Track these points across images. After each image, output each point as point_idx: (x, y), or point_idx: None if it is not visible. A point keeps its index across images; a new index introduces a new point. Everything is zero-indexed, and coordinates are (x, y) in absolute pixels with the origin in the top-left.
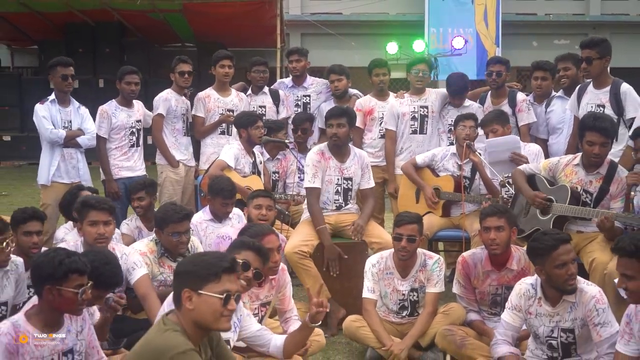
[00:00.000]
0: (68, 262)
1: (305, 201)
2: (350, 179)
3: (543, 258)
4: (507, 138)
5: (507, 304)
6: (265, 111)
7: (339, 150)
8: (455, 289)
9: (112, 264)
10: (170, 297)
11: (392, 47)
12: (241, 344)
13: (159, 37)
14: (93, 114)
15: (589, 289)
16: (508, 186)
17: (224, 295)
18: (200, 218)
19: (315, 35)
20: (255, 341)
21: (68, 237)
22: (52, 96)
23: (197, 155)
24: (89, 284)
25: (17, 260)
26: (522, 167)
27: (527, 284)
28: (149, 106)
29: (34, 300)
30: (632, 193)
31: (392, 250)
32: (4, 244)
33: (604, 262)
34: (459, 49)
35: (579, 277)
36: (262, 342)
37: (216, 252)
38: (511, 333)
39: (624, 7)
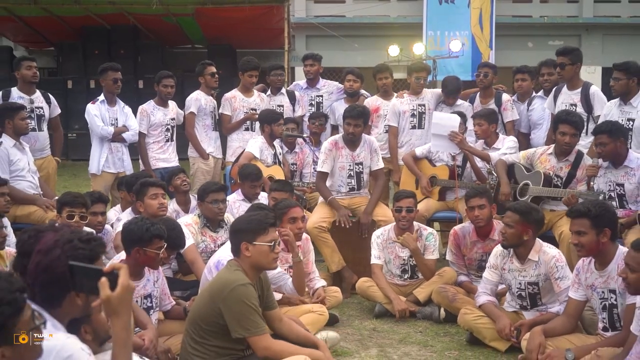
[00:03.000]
0: (153, 229)
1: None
2: (361, 163)
3: None
4: (450, 117)
5: (487, 264)
6: (283, 110)
7: (352, 142)
8: (448, 256)
9: (177, 229)
10: (210, 262)
11: (393, 50)
12: (276, 296)
13: (170, 39)
14: None
15: (550, 250)
16: (494, 174)
17: (272, 243)
18: (234, 198)
19: (320, 37)
20: (275, 282)
21: (122, 216)
22: (102, 97)
23: (223, 149)
24: (165, 246)
25: (91, 232)
26: (505, 157)
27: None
28: None
29: (122, 255)
30: (592, 183)
31: (393, 224)
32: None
33: (570, 234)
34: (456, 52)
35: (542, 242)
36: (280, 283)
37: (260, 211)
38: (490, 287)
39: (615, 9)
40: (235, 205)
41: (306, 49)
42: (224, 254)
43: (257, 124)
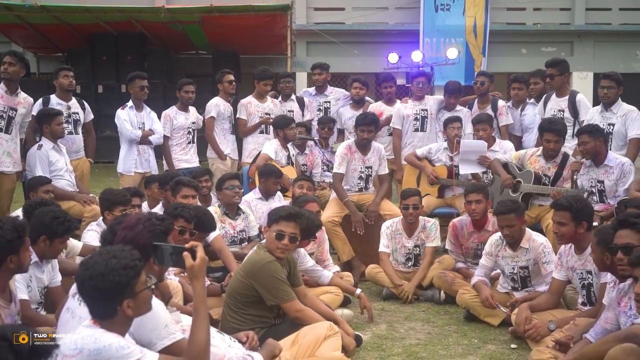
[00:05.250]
0: (180, 209)
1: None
2: (370, 167)
3: None
4: (478, 143)
5: (483, 251)
6: (293, 115)
7: (364, 147)
8: (447, 245)
9: (208, 214)
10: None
11: (393, 57)
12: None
13: (176, 45)
14: (113, 116)
15: (538, 238)
16: (488, 173)
17: (275, 233)
18: (252, 197)
19: (320, 43)
20: (309, 274)
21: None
22: (130, 103)
23: (239, 151)
24: (191, 231)
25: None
26: (498, 157)
27: (497, 236)
28: (165, 108)
29: None
30: (575, 177)
31: (401, 217)
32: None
33: None
34: (452, 59)
35: (531, 231)
36: (314, 275)
37: (284, 206)
38: (485, 271)
39: (606, 17)
40: (253, 204)
41: (307, 55)
42: None
43: (271, 128)
